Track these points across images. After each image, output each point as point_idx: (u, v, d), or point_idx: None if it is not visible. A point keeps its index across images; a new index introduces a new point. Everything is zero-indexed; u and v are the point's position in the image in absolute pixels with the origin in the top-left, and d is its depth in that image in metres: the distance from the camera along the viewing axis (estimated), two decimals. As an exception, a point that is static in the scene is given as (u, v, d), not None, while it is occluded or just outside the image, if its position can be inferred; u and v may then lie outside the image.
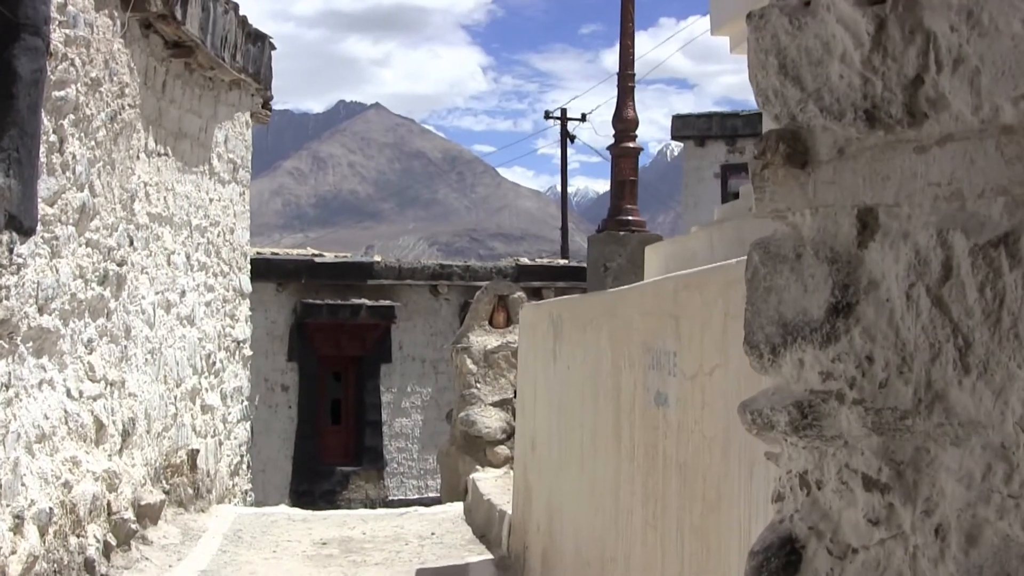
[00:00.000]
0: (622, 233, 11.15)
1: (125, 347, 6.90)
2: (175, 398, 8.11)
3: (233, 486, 9.88)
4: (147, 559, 6.79)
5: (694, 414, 2.83)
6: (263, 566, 7.19)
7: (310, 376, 17.54)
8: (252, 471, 11.12)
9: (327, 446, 17.94)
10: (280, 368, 17.04)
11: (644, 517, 3.35)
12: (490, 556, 7.54)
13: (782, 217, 1.40)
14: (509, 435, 10.24)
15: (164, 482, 7.87)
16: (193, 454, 8.48)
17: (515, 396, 10.38)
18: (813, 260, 1.32)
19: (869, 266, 1.25)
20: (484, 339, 10.52)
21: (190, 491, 8.40)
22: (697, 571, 2.79)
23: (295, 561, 7.42)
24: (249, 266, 10.49)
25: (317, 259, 17.42)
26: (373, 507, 17.67)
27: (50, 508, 5.33)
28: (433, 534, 8.51)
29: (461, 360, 10.44)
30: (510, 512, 7.58)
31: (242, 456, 10.27)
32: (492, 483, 9.46)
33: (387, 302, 17.85)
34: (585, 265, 20.86)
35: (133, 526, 6.65)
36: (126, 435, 6.87)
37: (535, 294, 19.47)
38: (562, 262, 21.07)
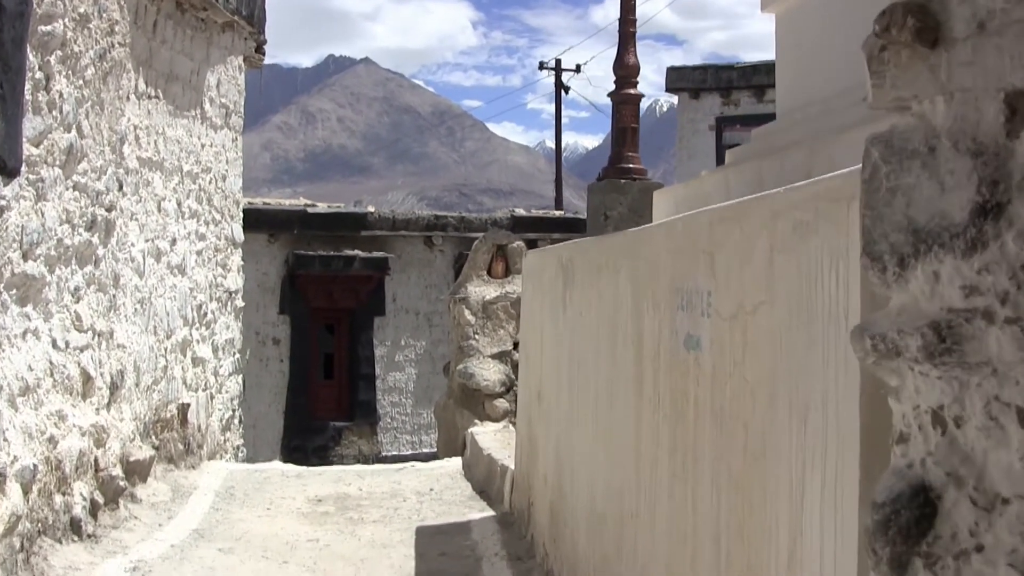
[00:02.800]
0: (623, 181, 10.89)
1: (113, 296, 6.67)
2: (165, 350, 7.90)
3: (225, 441, 9.68)
4: (136, 518, 6.59)
5: (733, 357, 2.62)
6: (257, 524, 6.99)
7: (302, 329, 17.32)
8: (243, 426, 10.92)
9: (319, 401, 17.74)
10: (271, 321, 16.81)
11: (671, 468, 3.15)
12: (492, 513, 7.36)
13: (905, 107, 1.18)
14: (508, 388, 10.06)
15: (154, 437, 7.67)
16: (184, 408, 8.28)
17: (514, 348, 10.19)
18: (951, 153, 1.10)
19: (1021, 159, 1.03)
20: (482, 290, 10.30)
21: (180, 447, 8.20)
22: (737, 526, 2.59)
23: (290, 519, 7.23)
24: (241, 214, 10.24)
25: (310, 210, 17.15)
26: (367, 463, 17.52)
27: (34, 465, 5.12)
28: (431, 490, 8.33)
29: (459, 311, 10.23)
30: (512, 467, 7.40)
31: (234, 411, 10.07)
32: (491, 437, 9.28)
33: (381, 254, 17.60)
34: (581, 217, 20.65)
35: (121, 483, 6.44)
36: (114, 388, 6.65)
37: (530, 246, 19.23)
38: (558, 213, 20.83)
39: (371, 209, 18.12)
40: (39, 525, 5.27)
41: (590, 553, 4.34)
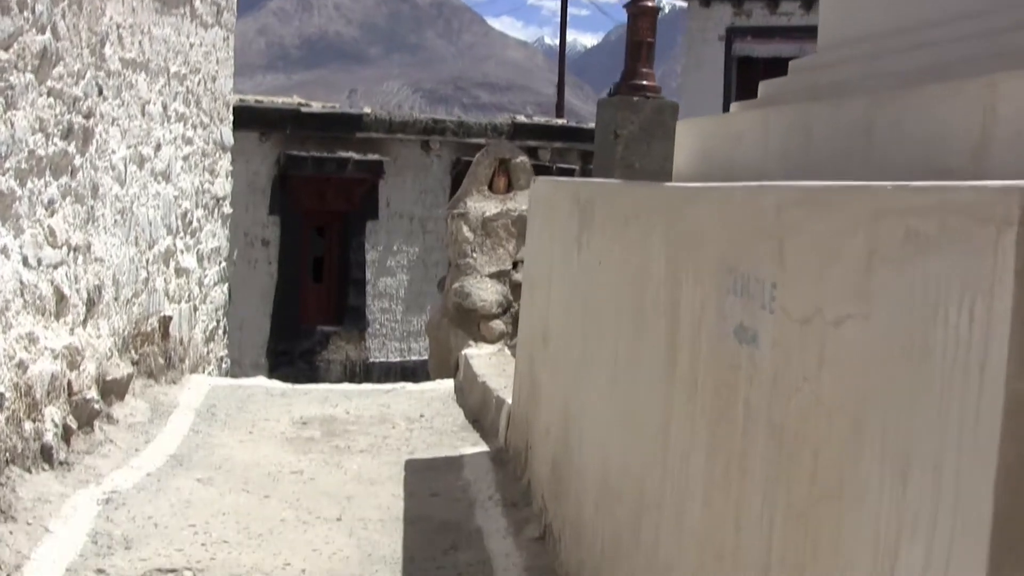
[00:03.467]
0: (636, 99, 10.41)
1: (92, 207, 6.24)
2: (147, 261, 7.48)
3: (208, 353, 9.31)
4: (111, 441, 6.22)
5: (803, 368, 2.22)
6: (238, 449, 6.64)
7: (292, 231, 16.89)
8: (228, 330, 10.54)
9: (308, 305, 17.39)
10: (261, 222, 16.37)
11: (708, 471, 2.77)
12: (485, 448, 7.02)
13: None
14: (505, 309, 9.69)
15: (133, 352, 7.29)
16: (165, 321, 7.89)
17: (514, 268, 9.80)
18: None
19: None
20: (483, 205, 9.87)
21: (161, 361, 7.83)
22: (795, 566, 2.21)
23: (273, 444, 6.88)
24: (231, 117, 9.75)
25: (303, 108, 16.60)
26: (354, 369, 17.25)
27: (1, 394, 4.73)
28: (422, 416, 7.98)
29: (457, 227, 9.81)
30: (508, 401, 7.04)
31: (218, 321, 9.68)
32: (486, 361, 8.93)
33: (376, 156, 17.13)
34: (584, 126, 20.15)
35: (96, 406, 6.07)
36: (91, 304, 6.25)
37: (531, 153, 18.76)
38: (560, 121, 20.31)
39: (367, 110, 17.58)
40: (7, 454, 4.91)
41: (599, 526, 3.98)
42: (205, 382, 8.42)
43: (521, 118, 19.44)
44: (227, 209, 9.79)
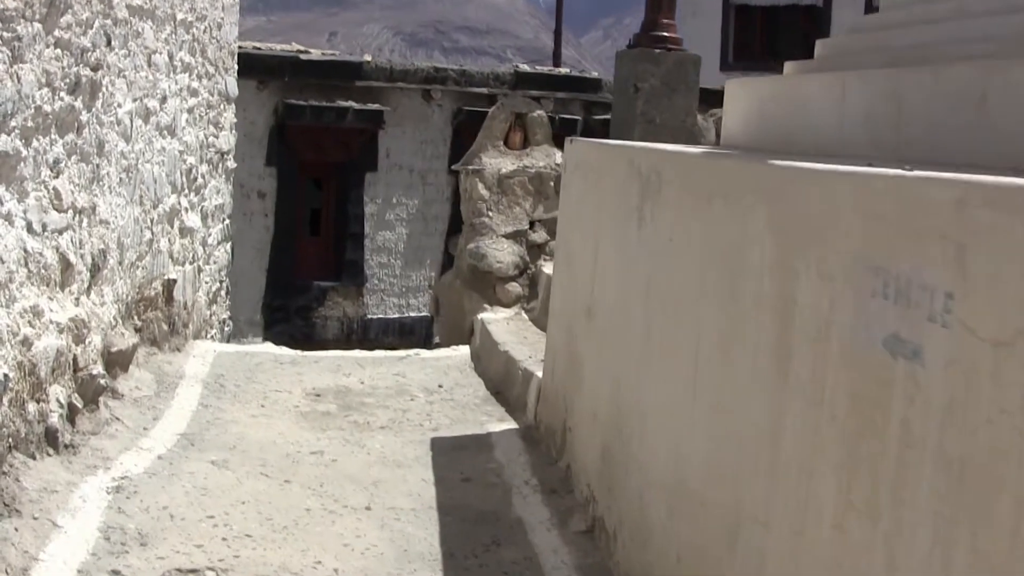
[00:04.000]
0: (657, 51, 10.03)
1: (97, 166, 5.87)
2: (151, 221, 7.12)
3: (211, 316, 8.96)
4: (118, 419, 5.88)
5: (995, 398, 1.90)
6: (252, 427, 6.32)
7: (289, 183, 16.47)
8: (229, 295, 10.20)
9: (304, 259, 17.00)
10: (257, 173, 15.94)
11: (844, 494, 2.45)
12: (513, 424, 6.71)
13: None
14: (522, 271, 9.37)
15: (136, 318, 6.94)
16: (169, 284, 7.54)
17: (531, 228, 9.47)
18: None
19: None
20: (498, 161, 9.52)
21: (165, 327, 7.48)
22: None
23: (288, 420, 6.56)
24: (236, 66, 9.35)
25: (302, 56, 16.11)
26: (351, 326, 16.92)
27: (5, 375, 4.39)
28: (441, 387, 7.67)
29: (472, 184, 9.46)
30: (537, 374, 6.73)
31: (221, 282, 9.32)
32: (504, 327, 8.61)
33: (376, 106, 16.68)
34: (590, 76, 19.71)
35: (102, 381, 5.73)
36: (95, 270, 5.90)
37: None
38: (563, 71, 19.88)
39: (367, 58, 17.11)
40: (9, 441, 4.57)
41: (674, 531, 3.67)
42: (210, 349, 8.08)
43: (524, 67, 19.01)
44: (231, 163, 9.41)
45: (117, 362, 6.32)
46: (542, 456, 6.02)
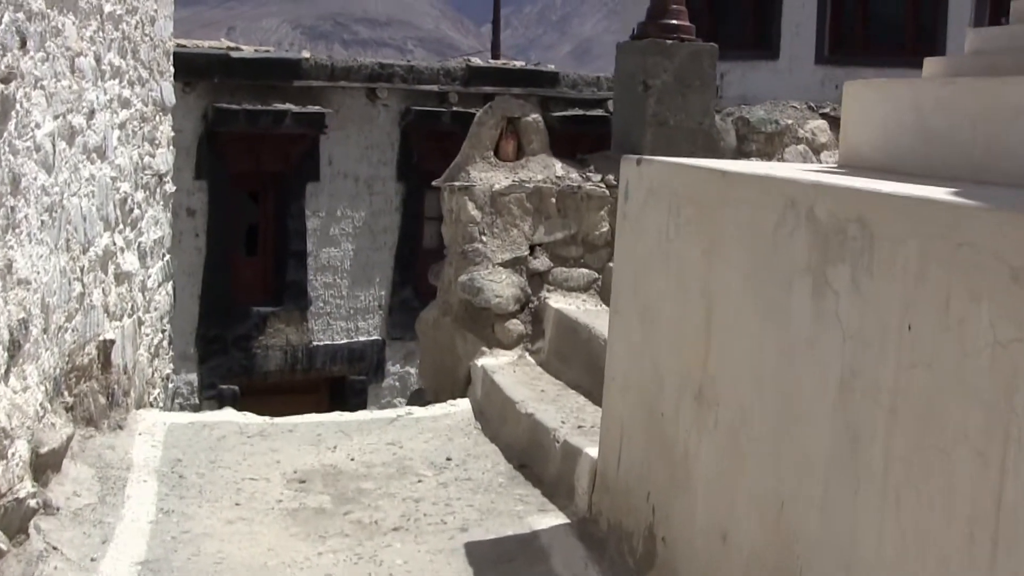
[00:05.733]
0: (669, 42, 8.78)
1: (11, 209, 4.50)
2: (81, 270, 5.74)
3: (153, 374, 7.56)
4: (55, 549, 4.49)
5: None
6: (231, 540, 4.96)
7: (222, 197, 15.04)
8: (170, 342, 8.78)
9: (241, 282, 15.60)
10: (186, 188, 14.47)
11: None
12: (561, 518, 5.41)
13: None
14: (523, 306, 8.07)
15: (67, 394, 5.57)
16: (106, 347, 6.16)
17: (531, 253, 8.20)
18: None
19: None
20: (490, 176, 8.20)
21: (102, 400, 6.11)
22: None
23: (274, 525, 5.22)
24: (172, 68, 7.96)
25: (234, 54, 14.68)
26: (295, 354, 15.61)
27: None
28: (449, 459, 6.37)
29: (460, 203, 8.12)
30: (588, 452, 5.45)
31: (163, 331, 7.92)
32: (511, 375, 7.33)
33: (316, 108, 15.31)
34: (546, 69, 18.43)
35: (32, 502, 4.36)
36: (15, 348, 4.53)
37: (485, 100, 17.06)
38: (518, 64, 18.61)
39: (306, 55, 15.70)
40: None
41: None
42: (159, 421, 6.69)
43: (477, 61, 17.73)
44: (169, 187, 8.01)
45: (48, 464, 4.95)
46: (616, 567, 4.73)
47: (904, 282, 2.72)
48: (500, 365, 7.55)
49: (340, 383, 16.54)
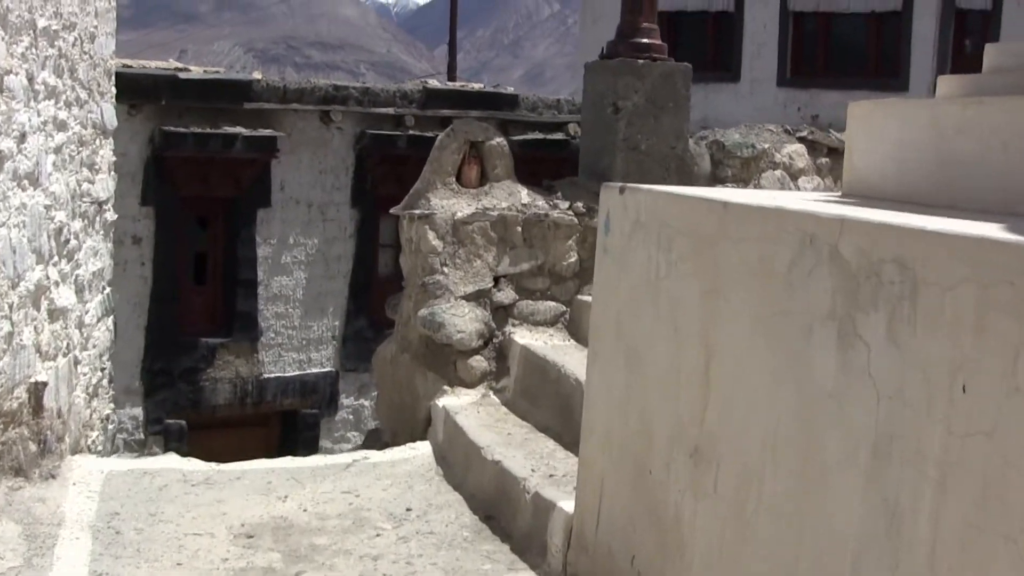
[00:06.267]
0: (640, 62, 8.42)
1: (-72, 244, 4.05)
2: (10, 307, 5.29)
3: (91, 416, 7.10)
4: (-27, 624, 4.05)
5: None
6: (172, 610, 4.52)
7: (169, 224, 14.57)
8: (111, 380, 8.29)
9: (189, 312, 15.11)
10: (132, 214, 14.00)
11: None
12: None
13: None
14: (486, 341, 7.66)
15: (-7, 443, 5.11)
16: (37, 389, 5.70)
17: (495, 285, 7.82)
18: None
19: None
20: (452, 203, 7.79)
21: (33, 448, 5.66)
22: None
23: (220, 590, 4.77)
24: (114, 89, 7.52)
25: (182, 75, 14.22)
26: (245, 387, 15.16)
27: None
28: (409, 510, 5.94)
29: (420, 233, 7.71)
30: (562, 506, 5.05)
31: (103, 369, 7.45)
32: (475, 417, 6.92)
33: (268, 131, 14.87)
34: (505, 91, 18.07)
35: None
36: (-68, 397, 4.07)
37: (443, 124, 16.69)
38: (477, 86, 18.26)
39: (257, 76, 15.28)
40: None
41: None
42: (95, 469, 6.22)
43: (434, 83, 17.38)
44: (110, 215, 7.54)
45: (-33, 524, 4.49)
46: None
47: (957, 335, 2.35)
48: (463, 406, 7.14)
49: (292, 417, 16.07)
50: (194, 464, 6.55)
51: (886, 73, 21.52)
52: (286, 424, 16.06)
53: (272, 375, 15.73)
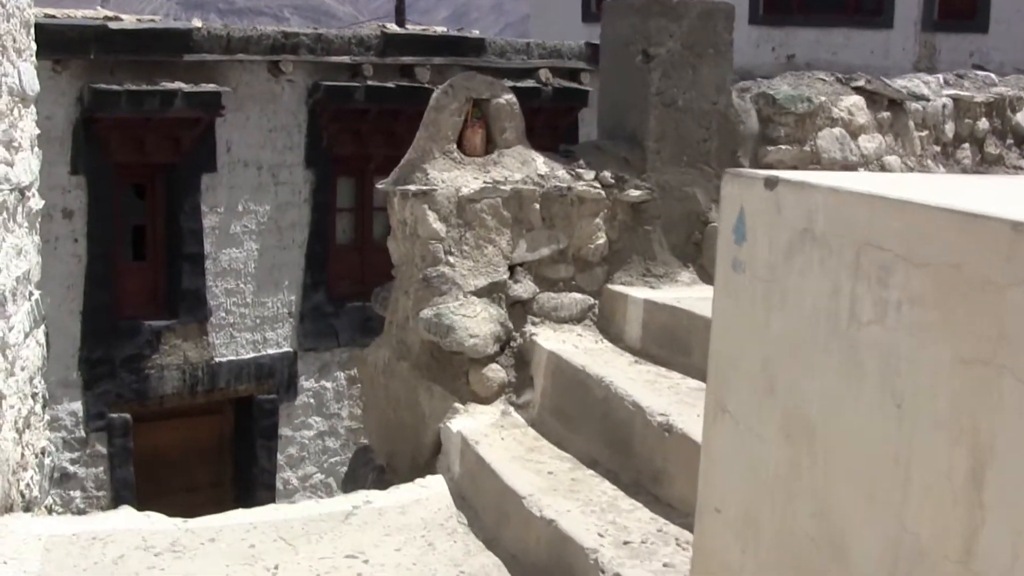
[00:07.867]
0: (675, 0, 7.23)
1: None
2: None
3: (23, 454, 5.82)
4: None
5: None
6: None
7: (103, 194, 13.35)
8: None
9: (128, 292, 13.93)
10: (60, 185, 12.75)
11: None
12: None
13: None
14: (503, 346, 6.45)
15: None
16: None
17: (511, 276, 6.62)
18: None
19: None
20: (455, 176, 6.53)
21: (-52, 517, 4.39)
22: None
23: None
24: (35, 46, 6.20)
25: (112, 24, 12.95)
26: (195, 374, 14.04)
27: None
28: (435, 579, 4.75)
29: (418, 214, 6.44)
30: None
31: (35, 394, 6.16)
32: (501, 446, 5.74)
33: (211, 86, 13.62)
34: (472, 36, 16.81)
35: None
36: None
37: (405, 73, 15.45)
38: (440, 30, 17.04)
39: (198, 24, 13.95)
40: None
41: None
42: (30, 535, 4.96)
43: (393, 27, 16.15)
44: (35, 203, 6.23)
45: None
46: None
47: None
48: (482, 431, 5.93)
49: (247, 403, 14.94)
50: (155, 522, 5.28)
51: (868, 10, 20.53)
52: (241, 412, 14.94)
53: (224, 359, 14.55)
